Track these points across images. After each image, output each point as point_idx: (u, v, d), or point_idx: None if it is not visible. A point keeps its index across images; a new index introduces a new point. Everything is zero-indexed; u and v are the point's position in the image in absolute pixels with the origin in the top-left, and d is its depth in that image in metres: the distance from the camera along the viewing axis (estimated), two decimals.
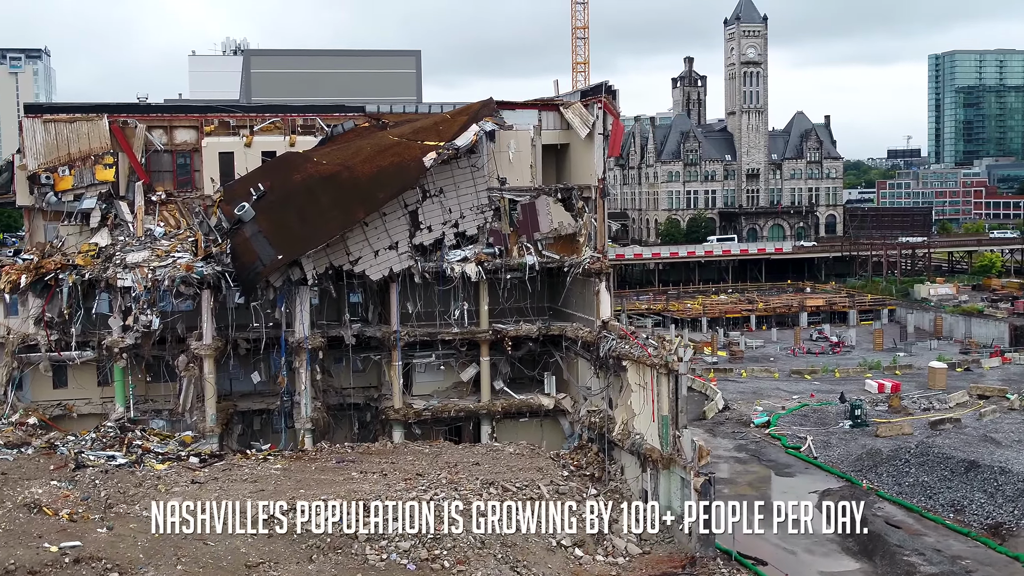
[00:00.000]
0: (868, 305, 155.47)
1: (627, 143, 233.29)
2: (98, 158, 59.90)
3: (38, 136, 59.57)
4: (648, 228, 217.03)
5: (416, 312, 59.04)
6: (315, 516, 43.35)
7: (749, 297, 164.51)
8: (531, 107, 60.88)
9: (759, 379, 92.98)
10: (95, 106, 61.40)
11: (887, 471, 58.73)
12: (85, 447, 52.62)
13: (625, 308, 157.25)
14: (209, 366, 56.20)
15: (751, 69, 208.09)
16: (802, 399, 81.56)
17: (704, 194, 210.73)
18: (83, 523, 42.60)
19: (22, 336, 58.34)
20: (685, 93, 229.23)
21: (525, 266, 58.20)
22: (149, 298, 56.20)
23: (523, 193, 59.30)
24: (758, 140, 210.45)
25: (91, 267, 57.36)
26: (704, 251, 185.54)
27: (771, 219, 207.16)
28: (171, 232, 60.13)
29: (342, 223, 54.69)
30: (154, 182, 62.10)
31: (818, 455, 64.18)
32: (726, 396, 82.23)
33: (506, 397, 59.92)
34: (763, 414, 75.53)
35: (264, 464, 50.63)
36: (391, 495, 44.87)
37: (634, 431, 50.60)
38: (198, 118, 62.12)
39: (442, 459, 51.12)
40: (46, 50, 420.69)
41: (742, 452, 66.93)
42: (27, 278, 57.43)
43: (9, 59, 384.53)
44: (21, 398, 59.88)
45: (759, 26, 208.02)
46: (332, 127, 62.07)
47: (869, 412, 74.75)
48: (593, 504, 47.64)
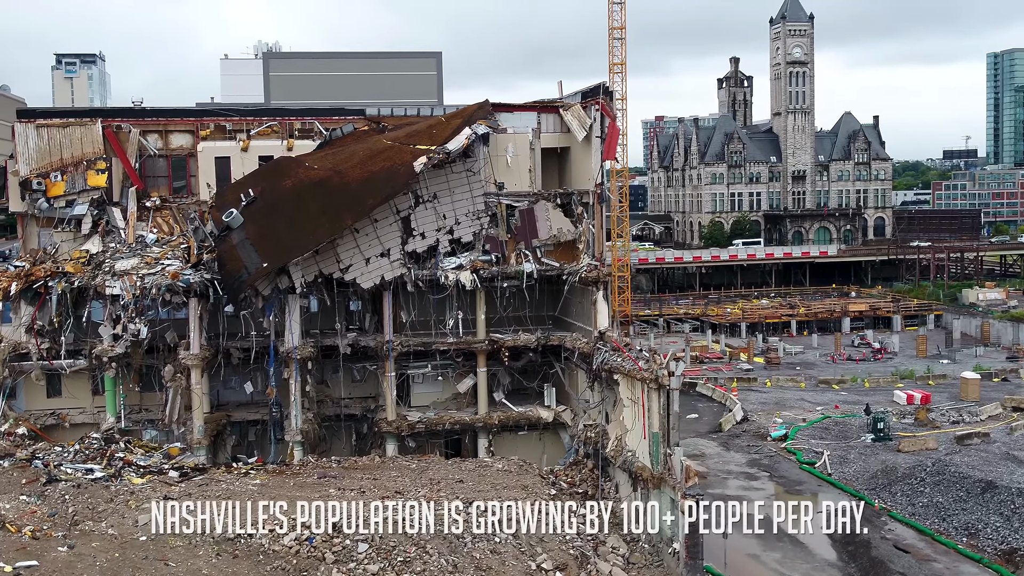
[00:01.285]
0: (913, 310, 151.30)
1: (671, 145, 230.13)
2: (90, 163, 58.88)
3: (31, 141, 58.65)
4: (692, 231, 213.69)
5: (410, 321, 57.26)
6: (282, 537, 41.83)
7: (791, 302, 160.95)
8: (530, 109, 58.81)
9: (784, 389, 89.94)
10: (89, 111, 60.60)
11: (901, 490, 55.80)
12: (66, 459, 51.45)
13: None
14: (196, 376, 54.83)
15: (797, 69, 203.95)
16: (826, 411, 78.51)
17: (748, 196, 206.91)
18: (45, 541, 41.34)
19: (14, 344, 57.44)
20: (731, 94, 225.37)
21: (523, 274, 56.13)
22: (137, 306, 54.96)
23: (521, 198, 57.24)
24: (804, 141, 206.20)
25: (81, 274, 56.28)
26: (746, 254, 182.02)
27: (817, 222, 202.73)
28: (163, 239, 58.95)
29: (329, 230, 53.03)
30: (149, 187, 60.98)
31: (833, 471, 61.37)
32: (747, 407, 79.46)
33: (504, 409, 57.91)
34: (782, 427, 72.71)
35: (244, 479, 49.07)
36: (365, 514, 43.05)
37: (626, 448, 48.37)
38: (194, 122, 60.86)
39: (427, 475, 49.24)
40: (101, 55, 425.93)
41: (754, 467, 64.22)
42: (17, 285, 56.47)
43: (64, 64, 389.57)
44: (15, 407, 59.10)
45: (805, 25, 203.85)
46: (331, 131, 60.51)
47: (894, 425, 71.59)
48: (581, 525, 45.54)
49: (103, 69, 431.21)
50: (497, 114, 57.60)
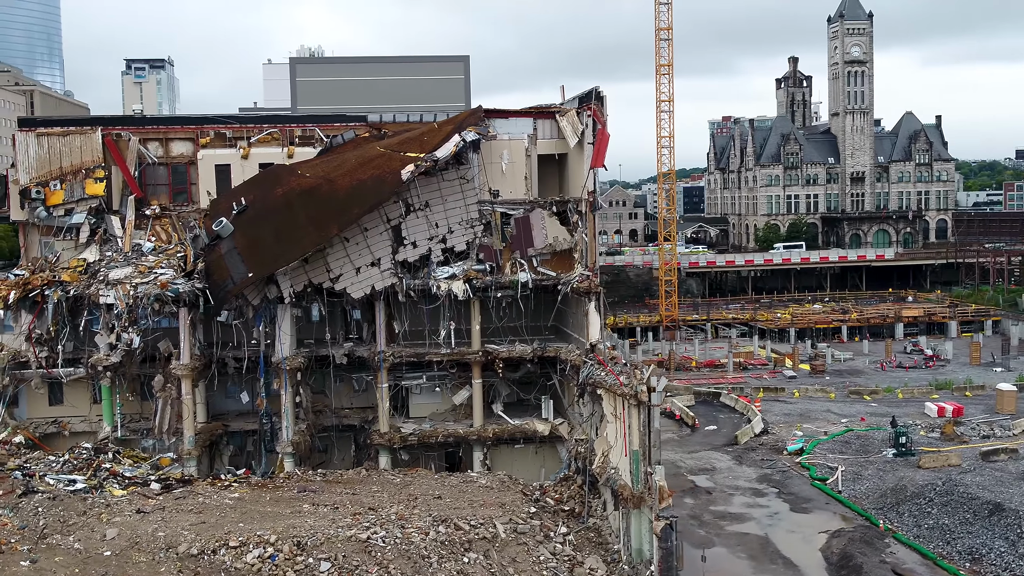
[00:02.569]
0: (971, 316, 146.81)
1: (728, 146, 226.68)
2: (89, 172, 58.78)
3: (31, 150, 58.75)
4: (747, 234, 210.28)
5: (403, 332, 56.28)
6: (244, 554, 41.06)
7: (844, 307, 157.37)
8: (526, 115, 57.35)
9: (812, 400, 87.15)
10: (90, 119, 60.52)
11: (909, 510, 53.32)
12: (53, 469, 51.31)
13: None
14: (187, 387, 54.39)
15: (856, 68, 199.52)
16: (851, 423, 75.80)
17: (805, 198, 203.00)
18: (9, 555, 40.94)
19: (14, 353, 57.56)
20: (789, 94, 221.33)
21: (517, 283, 54.82)
22: (131, 316, 54.66)
23: (516, 206, 55.93)
24: (863, 142, 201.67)
25: (77, 283, 56.19)
26: (800, 258, 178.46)
27: (876, 224, 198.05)
28: (161, 247, 58.63)
29: (315, 239, 52.24)
30: (150, 196, 60.77)
31: (845, 488, 58.91)
32: (770, 419, 77.07)
33: (500, 422, 56.63)
34: (800, 440, 70.28)
35: (223, 493, 48.44)
36: (331, 531, 42.16)
37: (610, 464, 46.82)
38: (194, 130, 60.49)
39: (408, 491, 48.18)
40: (169, 60, 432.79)
41: (763, 483, 62.00)
42: (15, 294, 56.57)
43: (134, 70, 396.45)
44: (17, 415, 59.28)
45: (864, 24, 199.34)
46: (331, 137, 59.75)
47: (919, 439, 68.76)
48: (556, 545, 44.15)
49: (171, 74, 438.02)
50: (492, 120, 56.34)
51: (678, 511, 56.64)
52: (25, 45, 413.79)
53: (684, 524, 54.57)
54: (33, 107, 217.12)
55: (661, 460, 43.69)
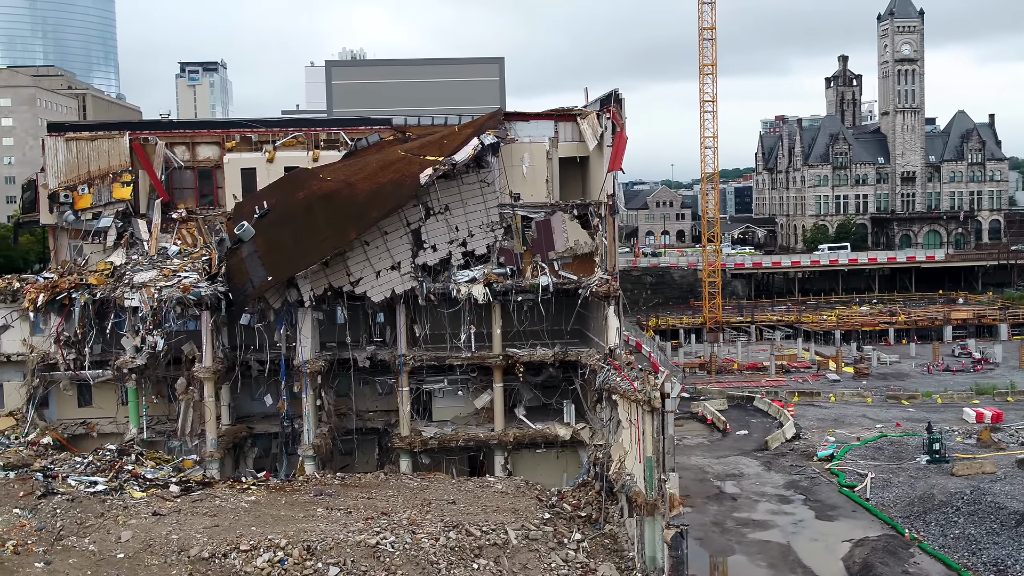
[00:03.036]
0: (1022, 318, 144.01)
1: (776, 146, 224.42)
2: (116, 176, 59.41)
3: (60, 154, 59.48)
4: (795, 235, 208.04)
5: (424, 335, 56.17)
6: (254, 558, 41.17)
7: (891, 309, 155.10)
8: (547, 118, 57.09)
9: (847, 404, 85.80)
10: (117, 124, 61.13)
11: (936, 519, 52.23)
12: (76, 471, 51.85)
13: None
14: (209, 389, 54.69)
15: (906, 67, 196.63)
16: (886, 428, 74.53)
17: (855, 199, 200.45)
18: (25, 556, 41.38)
19: (43, 355, 58.29)
20: (839, 93, 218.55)
21: (538, 287, 54.46)
22: (155, 319, 55.11)
23: (537, 209, 55.58)
24: (914, 141, 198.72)
25: (103, 286, 56.78)
26: (848, 259, 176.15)
27: (926, 225, 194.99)
28: (186, 251, 59.08)
29: (334, 243, 52.30)
30: (177, 199, 61.33)
31: (873, 496, 57.82)
32: (803, 423, 75.99)
33: (521, 427, 56.36)
34: (832, 446, 69.18)
35: (240, 496, 48.62)
36: (341, 536, 42.16)
37: (626, 470, 46.36)
38: (220, 134, 60.95)
39: (423, 495, 48.04)
40: (223, 63, 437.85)
41: (790, 489, 61.12)
42: (44, 297, 57.31)
43: (188, 72, 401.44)
44: (48, 416, 60.03)
45: (914, 21, 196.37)
46: (356, 141, 59.87)
47: (955, 446, 67.44)
48: (569, 552, 43.78)
49: (225, 77, 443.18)
50: (513, 123, 56.17)
51: (702, 517, 56.32)
52: (82, 49, 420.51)
53: (706, 531, 54.09)
54: (85, 110, 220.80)
55: (676, 467, 43.24)
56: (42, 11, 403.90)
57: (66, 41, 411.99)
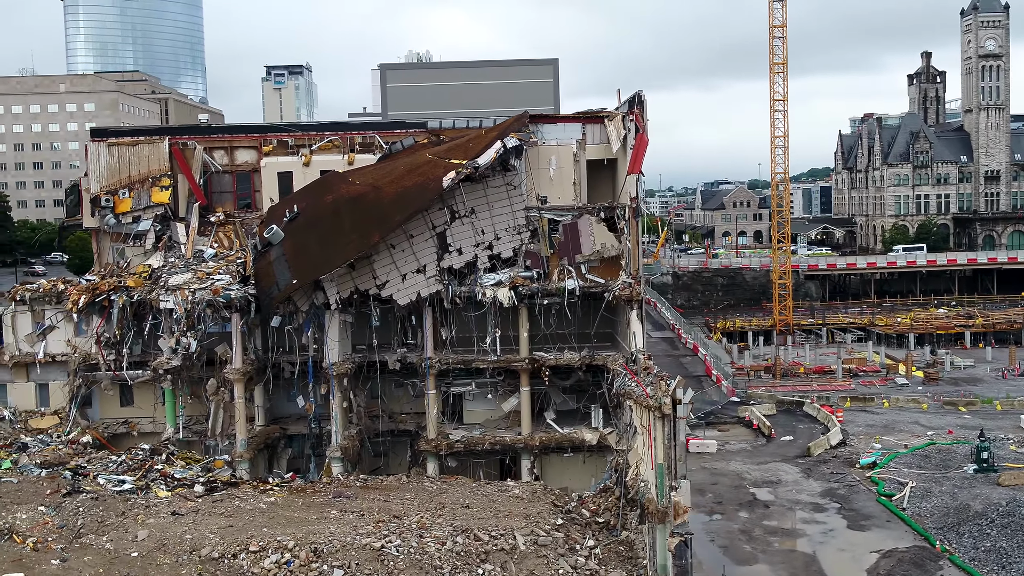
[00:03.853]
0: None
1: (855, 145, 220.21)
2: (155, 180, 60.54)
3: (102, 159, 60.87)
4: (874, 235, 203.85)
5: (451, 339, 56.19)
6: (262, 559, 41.55)
7: (970, 312, 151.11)
8: (574, 120, 56.73)
9: (901, 410, 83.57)
10: (158, 129, 62.25)
11: (969, 531, 50.61)
12: (108, 469, 52.92)
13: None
14: (239, 390, 55.41)
15: (990, 63, 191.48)
16: (938, 435, 72.47)
17: (936, 198, 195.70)
18: (43, 553, 42.33)
19: (85, 355, 59.65)
20: (922, 90, 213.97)
21: (564, 291, 54.12)
22: (188, 320, 56.05)
23: (564, 212, 55.22)
24: (998, 139, 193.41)
25: (141, 288, 57.90)
26: (926, 260, 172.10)
27: (1011, 225, 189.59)
28: (222, 253, 59.98)
29: (358, 247, 52.58)
30: (216, 203, 62.31)
31: (911, 505, 56.31)
32: (852, 430, 74.30)
33: (549, 430, 56.06)
34: (876, 453, 67.44)
35: (261, 496, 49.16)
36: (349, 539, 42.35)
37: (641, 477, 45.79)
38: (257, 138, 61.75)
39: (439, 499, 48.05)
40: (307, 66, 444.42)
41: (826, 497, 59.77)
42: (85, 298, 58.66)
43: (273, 76, 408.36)
44: (91, 415, 61.40)
45: (999, 16, 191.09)
46: (391, 144, 60.17)
47: (1007, 455, 65.27)
48: (579, 559, 43.37)
49: (310, 80, 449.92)
50: (540, 126, 55.94)
51: (730, 525, 55.44)
52: (170, 54, 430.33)
53: (732, 539, 53.27)
54: (167, 114, 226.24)
55: (713, 472, 42.66)
56: (132, 17, 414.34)
57: (155, 46, 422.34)
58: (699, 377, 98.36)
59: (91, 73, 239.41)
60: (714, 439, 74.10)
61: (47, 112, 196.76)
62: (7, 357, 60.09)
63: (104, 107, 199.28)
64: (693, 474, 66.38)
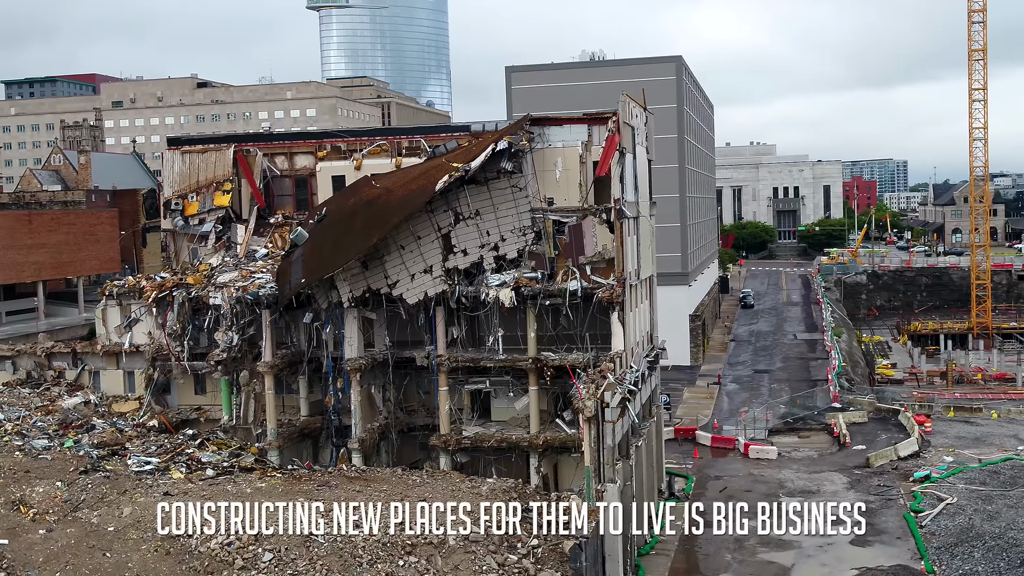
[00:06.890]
0: None
1: None
2: (219, 184, 65.15)
3: (175, 166, 66.10)
4: None
5: (462, 338, 57.55)
6: (210, 540, 44.48)
7: None
8: (580, 122, 56.61)
9: (1009, 423, 76.99)
10: (224, 137, 66.77)
11: (962, 552, 47.04)
12: (146, 452, 57.61)
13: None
14: (269, 382, 58.97)
15: None
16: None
17: None
18: (38, 524, 47.07)
19: (159, 346, 65.06)
20: None
21: (566, 291, 54.36)
22: (231, 316, 60.20)
23: (569, 214, 55.47)
24: None
25: (198, 285, 62.59)
26: None
27: None
28: (274, 253, 63.83)
29: (360, 247, 54.90)
30: (277, 206, 66.30)
31: (935, 523, 52.63)
32: (940, 441, 69.67)
33: (556, 430, 56.40)
34: (942, 467, 63.10)
35: (254, 482, 52.12)
36: (287, 525, 44.72)
37: None
38: (314, 144, 65.23)
39: (417, 491, 49.39)
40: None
41: (852, 511, 56.66)
42: (155, 294, 64.02)
43: None
44: (170, 402, 66.77)
45: None
46: (434, 148, 62.12)
47: None
48: (509, 557, 43.89)
49: None
50: (546, 127, 56.38)
51: (727, 535, 53.80)
52: (418, 61, 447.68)
53: (718, 547, 51.99)
54: (390, 117, 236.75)
55: (750, 478, 42.25)
56: (381, 25, 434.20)
57: (405, 55, 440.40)
58: (816, 381, 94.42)
59: (313, 81, 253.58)
60: (784, 446, 71.43)
61: (274, 117, 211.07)
62: (100, 346, 66.26)
63: (324, 111, 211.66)
64: (731, 480, 64.81)
